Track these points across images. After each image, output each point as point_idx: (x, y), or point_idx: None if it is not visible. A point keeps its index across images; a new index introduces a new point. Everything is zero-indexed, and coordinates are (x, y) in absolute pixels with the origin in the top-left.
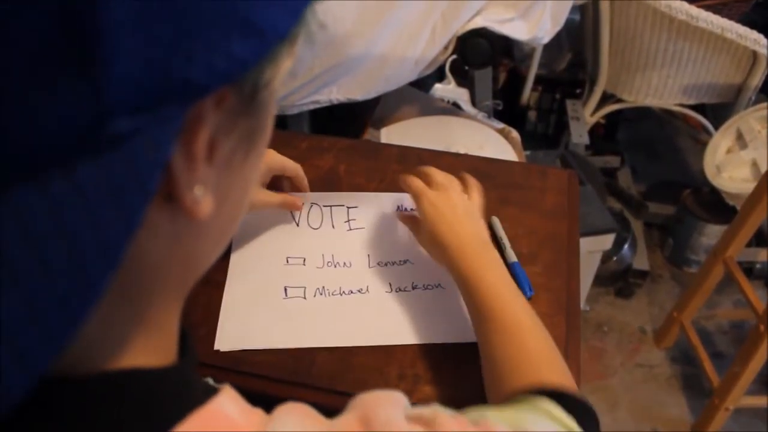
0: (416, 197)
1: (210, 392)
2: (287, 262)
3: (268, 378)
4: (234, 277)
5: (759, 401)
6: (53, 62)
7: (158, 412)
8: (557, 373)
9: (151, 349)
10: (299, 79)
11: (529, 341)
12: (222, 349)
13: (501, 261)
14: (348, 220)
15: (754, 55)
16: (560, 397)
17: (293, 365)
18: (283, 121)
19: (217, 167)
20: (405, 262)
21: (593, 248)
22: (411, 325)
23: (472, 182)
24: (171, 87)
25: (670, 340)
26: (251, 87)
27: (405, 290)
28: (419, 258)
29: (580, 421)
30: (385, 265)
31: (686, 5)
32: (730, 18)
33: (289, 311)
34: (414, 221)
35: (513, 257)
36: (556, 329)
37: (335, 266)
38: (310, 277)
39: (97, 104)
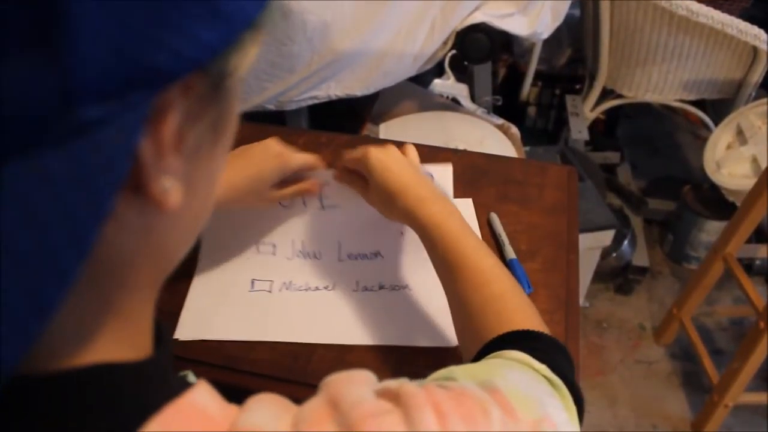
0: (362, 158)
1: (185, 386)
2: (258, 250)
3: (265, 376)
4: (205, 265)
5: (758, 398)
6: (15, 40)
7: (130, 406)
8: (526, 316)
9: (124, 342)
10: (297, 75)
11: (495, 288)
12: (180, 338)
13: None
14: (321, 197)
15: (755, 50)
16: (531, 338)
17: (290, 363)
18: (281, 117)
19: (185, 156)
20: (376, 255)
21: (593, 244)
22: (369, 327)
23: (408, 146)
24: (139, 73)
25: (670, 337)
26: (218, 74)
27: (371, 290)
28: (391, 250)
29: (553, 361)
30: (356, 258)
31: (686, 0)
32: (731, 13)
33: (252, 305)
34: (361, 182)
35: (512, 254)
36: (555, 326)
37: (304, 257)
38: (278, 268)
39: (64, 86)
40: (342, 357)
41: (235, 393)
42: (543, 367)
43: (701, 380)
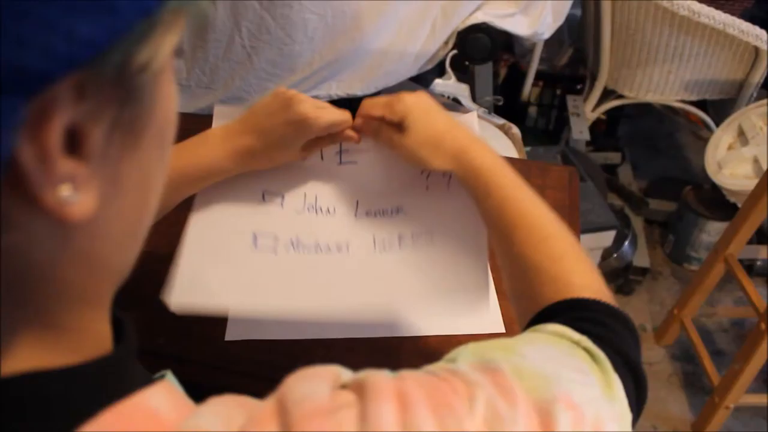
0: (395, 102)
1: (141, 387)
2: (263, 198)
3: (265, 377)
4: (201, 211)
5: (759, 399)
6: None
7: (61, 411)
8: (585, 281)
9: (60, 350)
10: (298, 74)
11: (554, 247)
12: (174, 307)
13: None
14: (339, 152)
15: (756, 51)
16: (582, 307)
17: (290, 364)
18: None
19: (90, 161)
20: (398, 210)
21: (594, 245)
22: (384, 308)
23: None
24: (5, 75)
25: (671, 338)
26: (115, 71)
27: (389, 249)
28: (414, 204)
29: (601, 331)
30: (374, 215)
31: (688, 1)
32: (732, 13)
33: (255, 269)
34: (389, 130)
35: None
36: None
37: (316, 212)
38: (285, 223)
39: None
40: (344, 358)
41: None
42: (582, 338)
43: (702, 381)
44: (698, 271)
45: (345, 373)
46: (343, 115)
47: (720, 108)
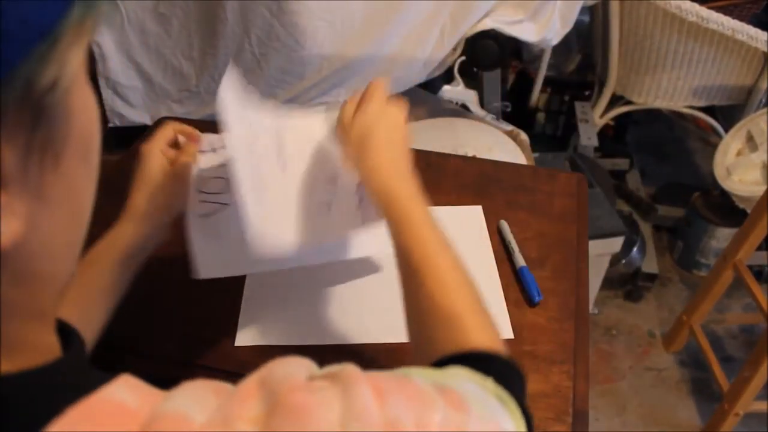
0: (365, 96)
1: (100, 385)
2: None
3: None
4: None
5: None
6: None
7: (19, 414)
8: (484, 335)
9: (5, 364)
10: (307, 81)
11: (457, 303)
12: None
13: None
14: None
15: (765, 56)
16: (484, 359)
17: None
18: None
19: (8, 185)
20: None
21: (602, 251)
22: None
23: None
24: None
25: (680, 344)
26: (20, 94)
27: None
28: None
29: (502, 379)
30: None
31: (697, 6)
32: (741, 19)
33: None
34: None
35: (521, 261)
36: (564, 334)
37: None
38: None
39: None
40: (351, 362)
41: None
42: (489, 381)
43: (711, 388)
44: (707, 277)
45: (315, 367)
46: (171, 127)
47: (729, 114)
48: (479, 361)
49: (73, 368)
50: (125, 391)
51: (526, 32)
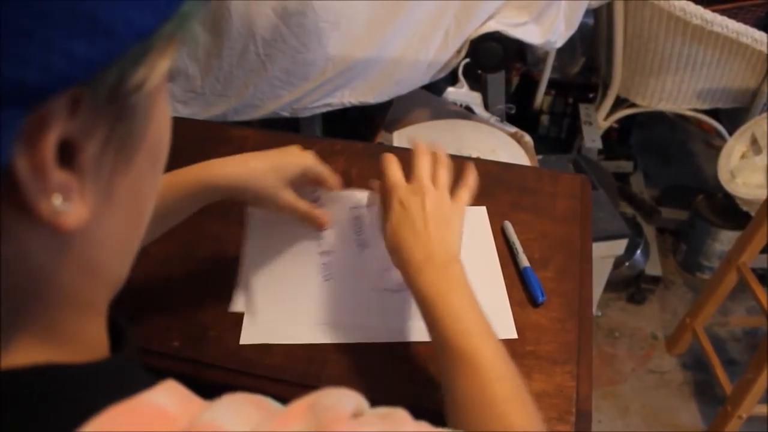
0: (388, 190)
1: (144, 388)
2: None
3: (279, 380)
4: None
5: None
6: None
7: (63, 407)
8: (525, 423)
9: (55, 355)
10: (312, 82)
11: (497, 388)
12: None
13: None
14: (355, 231)
15: None
16: None
17: (304, 368)
18: (295, 124)
19: (83, 173)
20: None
21: (605, 253)
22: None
23: (469, 182)
24: (5, 89)
25: (683, 347)
26: (110, 89)
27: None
28: None
29: None
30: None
31: (701, 9)
32: (745, 22)
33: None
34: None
35: (525, 262)
36: (567, 334)
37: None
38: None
39: None
40: (355, 362)
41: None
42: None
43: (714, 391)
44: (710, 279)
45: (366, 404)
46: (335, 176)
47: (733, 117)
48: None
49: (119, 369)
50: (167, 397)
51: (531, 34)
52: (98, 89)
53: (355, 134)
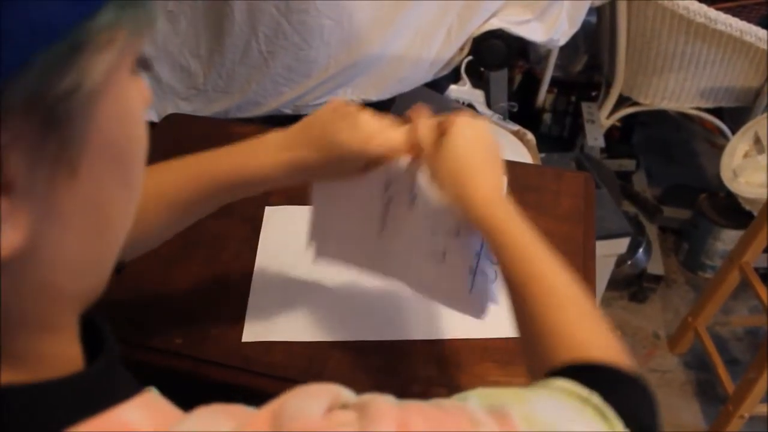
0: (450, 120)
1: (116, 402)
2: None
3: (280, 378)
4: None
5: None
6: None
7: (25, 427)
8: (600, 346)
9: (20, 376)
10: (314, 79)
11: (570, 311)
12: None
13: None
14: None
15: None
16: (597, 371)
17: (306, 366)
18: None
19: (12, 193)
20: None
21: (608, 252)
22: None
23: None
24: None
25: (685, 346)
26: (27, 99)
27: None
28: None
29: (614, 394)
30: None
31: (704, 7)
32: (749, 21)
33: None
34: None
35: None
36: None
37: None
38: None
39: None
40: (358, 360)
41: (253, 395)
42: (592, 395)
43: (716, 390)
44: (713, 279)
45: (346, 393)
46: (403, 138)
47: (736, 115)
48: (589, 373)
49: (91, 382)
50: (140, 411)
51: (534, 32)
52: (11, 100)
53: None
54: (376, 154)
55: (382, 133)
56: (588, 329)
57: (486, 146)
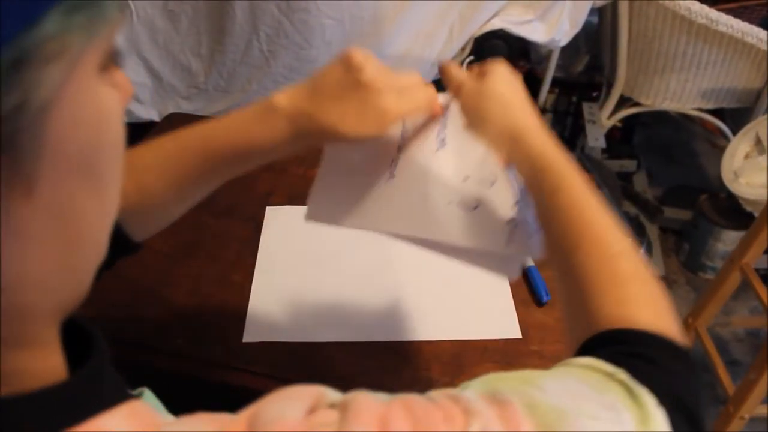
0: (486, 66)
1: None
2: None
3: (281, 379)
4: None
5: None
6: None
7: None
8: (648, 310)
9: None
10: None
11: (621, 267)
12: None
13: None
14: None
15: None
16: (637, 340)
17: (307, 367)
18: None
19: None
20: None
21: None
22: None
23: None
24: None
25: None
26: None
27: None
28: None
29: (649, 369)
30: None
31: (706, 8)
32: (751, 22)
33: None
34: (469, 89)
35: (530, 262)
36: None
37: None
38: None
39: None
40: (360, 361)
41: (253, 396)
42: (617, 371)
43: (716, 391)
44: (713, 280)
45: (331, 394)
46: (427, 97)
47: (737, 116)
48: (631, 343)
49: (74, 391)
50: (120, 421)
51: (535, 33)
52: None
53: None
54: (404, 117)
55: (398, 105)
56: (638, 291)
57: (524, 91)
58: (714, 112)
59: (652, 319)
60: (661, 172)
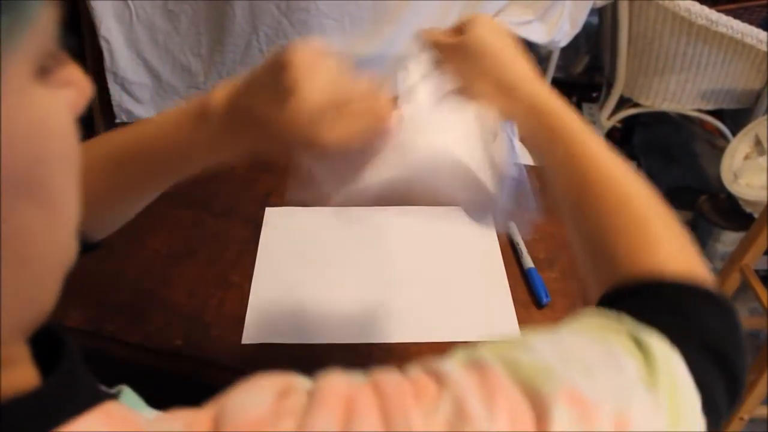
0: (464, 20)
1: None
2: None
3: None
4: None
5: None
6: None
7: None
8: (670, 252)
9: None
10: None
11: (636, 210)
12: None
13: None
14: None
15: None
16: (660, 290)
17: (306, 368)
18: None
19: None
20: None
21: None
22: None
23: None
24: None
25: None
26: None
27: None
28: None
29: (681, 312)
30: None
31: (706, 9)
32: (750, 23)
33: None
34: (453, 48)
35: (530, 263)
36: None
37: None
38: None
39: None
40: (359, 362)
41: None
42: (620, 316)
43: None
44: (713, 281)
45: (301, 382)
46: (375, 113)
47: (737, 117)
48: (653, 292)
49: (46, 398)
50: (95, 423)
51: (535, 33)
52: None
53: None
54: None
55: (330, 134)
56: (660, 232)
57: (510, 37)
58: (714, 113)
59: (675, 260)
60: (661, 173)
